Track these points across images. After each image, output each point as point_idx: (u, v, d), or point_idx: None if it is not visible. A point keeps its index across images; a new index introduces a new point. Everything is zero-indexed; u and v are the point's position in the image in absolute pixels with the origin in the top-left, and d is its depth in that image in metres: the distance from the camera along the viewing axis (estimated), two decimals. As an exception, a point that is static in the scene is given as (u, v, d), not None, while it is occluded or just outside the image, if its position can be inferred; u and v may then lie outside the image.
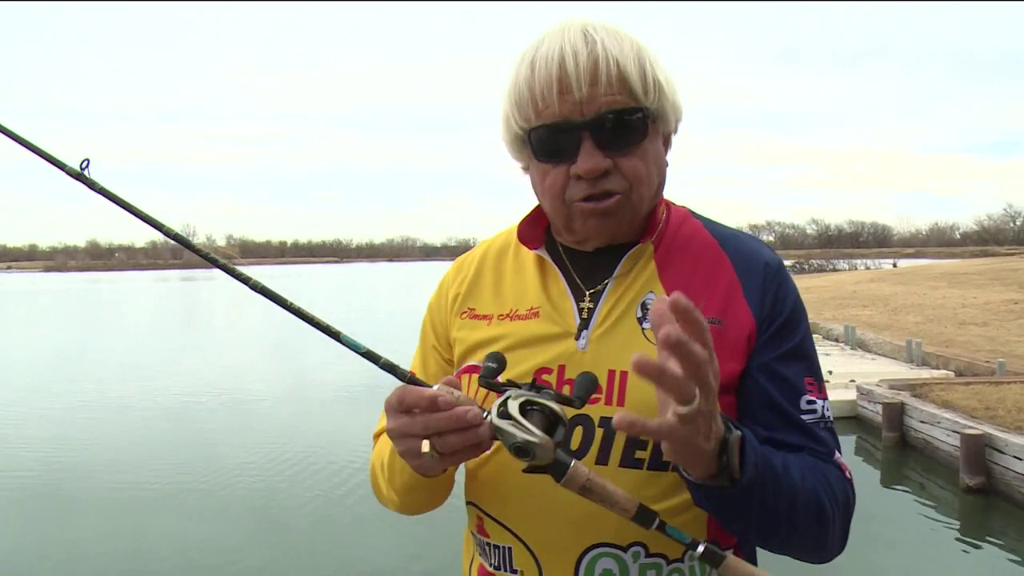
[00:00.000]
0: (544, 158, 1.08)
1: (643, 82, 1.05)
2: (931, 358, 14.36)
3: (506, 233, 1.26)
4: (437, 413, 0.92)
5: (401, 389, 0.96)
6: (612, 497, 0.91)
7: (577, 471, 0.90)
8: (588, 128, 1.04)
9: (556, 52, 1.03)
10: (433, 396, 0.93)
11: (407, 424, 0.95)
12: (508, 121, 1.11)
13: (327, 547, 7.22)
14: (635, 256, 1.12)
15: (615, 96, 1.03)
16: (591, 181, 1.05)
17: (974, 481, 8.58)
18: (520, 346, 1.11)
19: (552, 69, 1.03)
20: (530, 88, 1.05)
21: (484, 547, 1.14)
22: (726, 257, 1.12)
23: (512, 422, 0.90)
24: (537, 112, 1.06)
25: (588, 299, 1.12)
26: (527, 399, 0.92)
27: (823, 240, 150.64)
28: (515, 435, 0.89)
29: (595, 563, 1.05)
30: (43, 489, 9.13)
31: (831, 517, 1.03)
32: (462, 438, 0.93)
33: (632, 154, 1.06)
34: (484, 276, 1.22)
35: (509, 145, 1.14)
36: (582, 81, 1.02)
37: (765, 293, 1.09)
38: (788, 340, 1.09)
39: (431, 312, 1.27)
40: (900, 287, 29.21)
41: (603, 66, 1.02)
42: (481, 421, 0.92)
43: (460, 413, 0.92)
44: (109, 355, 19.46)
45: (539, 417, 0.91)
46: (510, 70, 1.09)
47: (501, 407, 0.91)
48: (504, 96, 1.10)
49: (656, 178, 1.10)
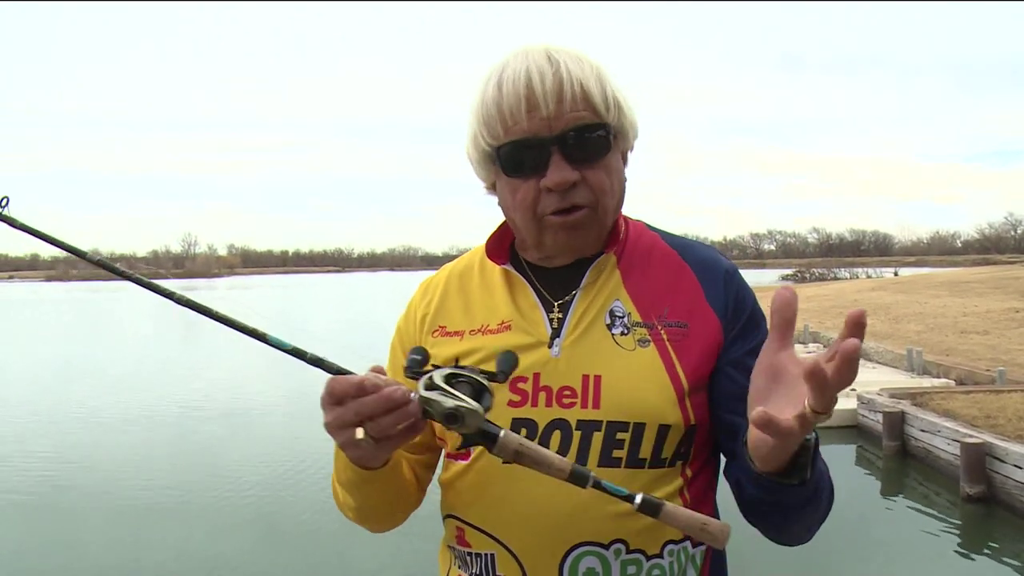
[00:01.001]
0: (514, 173, 1.12)
1: (604, 100, 1.10)
2: (932, 367, 14.35)
3: (468, 256, 1.30)
4: (365, 397, 0.95)
5: (331, 380, 0.98)
6: (546, 459, 0.94)
7: (508, 437, 0.93)
8: (556, 143, 1.08)
9: (523, 72, 1.08)
10: (360, 381, 0.95)
11: (340, 414, 0.97)
12: (476, 139, 1.14)
13: (326, 556, 7.22)
14: (600, 266, 1.17)
15: (580, 113, 1.09)
16: (561, 194, 1.10)
17: (974, 490, 8.58)
18: (494, 357, 1.13)
19: (520, 88, 1.08)
20: (498, 106, 1.09)
21: (465, 558, 1.17)
22: (686, 265, 1.19)
23: (440, 391, 0.93)
24: (506, 129, 1.10)
25: (557, 310, 1.16)
26: (452, 372, 0.96)
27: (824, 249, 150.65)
28: (443, 403, 0.91)
29: (578, 562, 1.08)
30: (44, 499, 9.14)
31: (828, 507, 1.08)
32: (393, 418, 0.95)
33: (598, 167, 1.11)
34: (451, 295, 1.25)
35: (477, 163, 1.18)
36: (549, 99, 1.07)
37: (727, 296, 1.16)
38: (753, 336, 1.14)
39: (400, 334, 1.30)
40: (901, 296, 29.21)
41: (568, 85, 1.07)
42: (408, 398, 0.95)
43: (388, 393, 0.94)
44: (110, 364, 19.47)
45: (466, 387, 0.94)
46: (476, 90, 1.14)
47: (428, 381, 0.95)
48: (472, 115, 1.14)
49: (618, 191, 1.15)
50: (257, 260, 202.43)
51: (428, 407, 0.93)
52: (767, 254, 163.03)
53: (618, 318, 1.14)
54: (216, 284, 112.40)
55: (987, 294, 26.69)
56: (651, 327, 1.13)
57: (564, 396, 1.10)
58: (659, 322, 1.14)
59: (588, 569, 1.08)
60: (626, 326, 1.14)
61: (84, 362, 21.10)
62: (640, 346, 1.12)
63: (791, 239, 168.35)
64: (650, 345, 1.12)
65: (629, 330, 1.13)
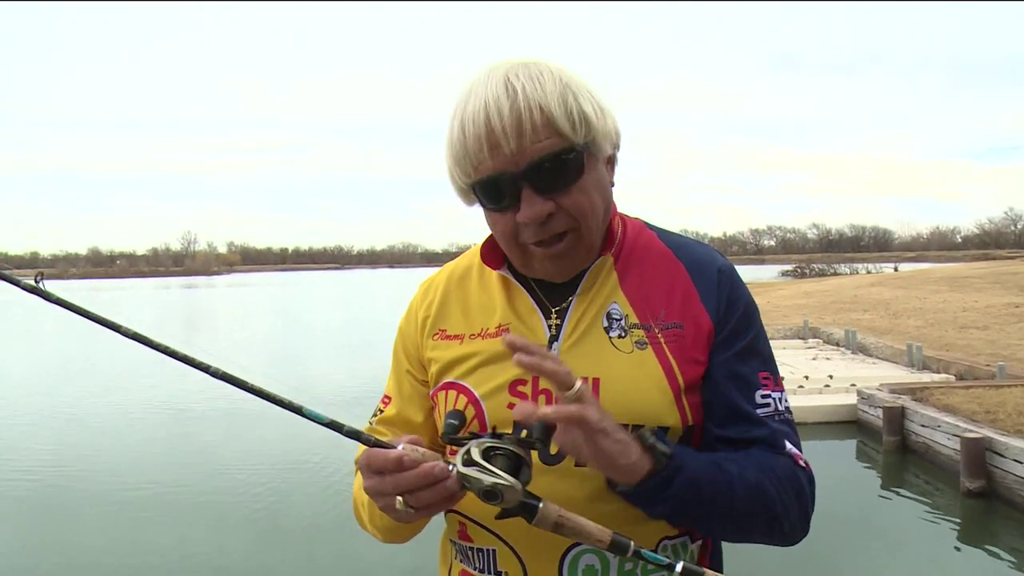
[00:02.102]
0: (491, 208, 1.12)
1: (570, 122, 1.06)
2: (932, 362, 14.35)
3: (468, 256, 1.30)
4: (404, 472, 0.96)
5: (368, 454, 0.99)
6: (586, 530, 0.94)
7: (548, 509, 0.94)
8: (524, 178, 1.07)
9: (480, 110, 1.05)
10: (398, 457, 0.96)
11: (378, 484, 0.99)
12: (452, 175, 1.14)
13: (326, 553, 7.23)
14: (597, 270, 1.17)
15: (543, 143, 1.05)
16: (538, 226, 1.09)
17: (975, 485, 8.58)
18: (493, 361, 1.15)
19: (479, 128, 1.05)
20: (464, 147, 1.08)
21: (467, 552, 1.18)
22: (681, 265, 1.18)
23: (478, 468, 0.93)
24: (475, 167, 1.09)
25: (555, 315, 1.17)
26: (489, 445, 0.96)
27: (824, 244, 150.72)
28: (482, 480, 0.92)
29: (578, 560, 1.09)
30: (42, 497, 9.14)
31: (780, 503, 1.07)
32: (432, 493, 0.97)
33: (571, 192, 1.09)
34: (451, 297, 1.26)
35: (459, 196, 1.17)
36: (509, 135, 1.04)
37: (720, 296, 1.15)
38: (742, 338, 1.15)
39: (402, 335, 1.30)
40: (901, 291, 29.21)
41: (527, 115, 1.04)
42: (448, 474, 0.96)
43: (427, 470, 0.95)
44: (109, 363, 19.46)
45: (503, 461, 0.94)
46: (446, 127, 1.12)
47: (465, 455, 0.95)
48: (445, 152, 1.13)
49: (601, 205, 1.13)
50: (257, 257, 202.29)
51: (466, 483, 0.94)
52: (767, 250, 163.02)
53: (615, 320, 1.15)
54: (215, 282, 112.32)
55: (987, 289, 26.70)
56: (648, 329, 1.14)
57: None
58: (656, 324, 1.14)
59: (587, 567, 1.09)
60: (623, 328, 1.14)
61: (82, 360, 21.08)
62: (638, 348, 1.13)
63: (791, 235, 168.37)
64: (647, 347, 1.12)
65: (627, 332, 1.14)
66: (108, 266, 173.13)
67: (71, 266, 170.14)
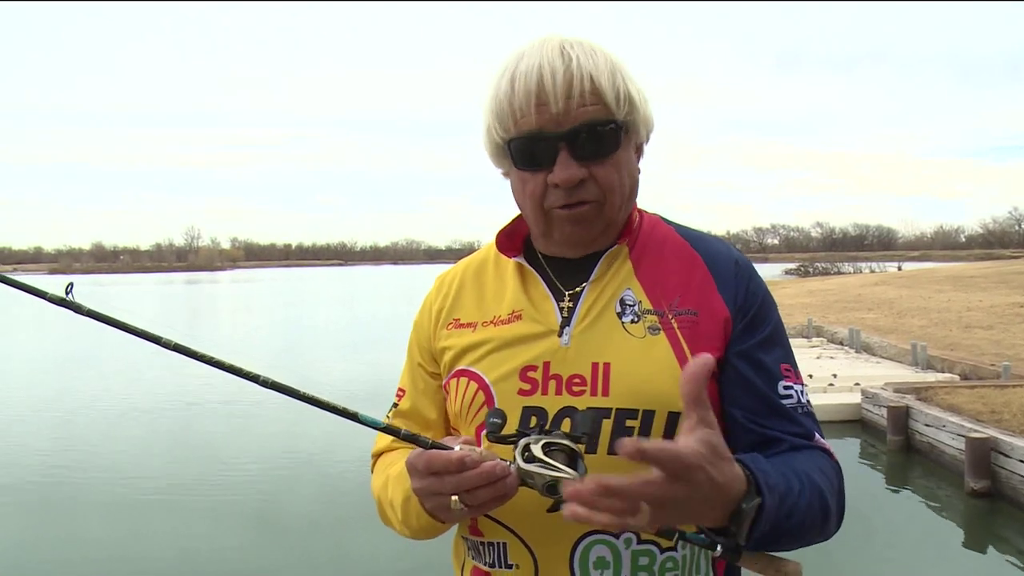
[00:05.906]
0: (523, 167, 1.14)
1: (616, 96, 1.10)
2: (936, 361, 14.32)
3: (484, 250, 1.32)
4: (467, 472, 0.98)
5: (428, 456, 1.01)
6: None
7: None
8: (564, 139, 1.09)
9: (535, 67, 1.09)
10: (460, 458, 0.98)
11: (436, 484, 1.00)
12: (489, 132, 1.16)
13: (326, 549, 7.23)
14: (612, 257, 1.18)
15: (589, 109, 1.09)
16: (568, 190, 1.11)
17: (979, 485, 8.56)
18: (505, 347, 1.17)
19: (531, 84, 1.08)
20: (509, 101, 1.10)
21: (478, 547, 1.18)
22: (698, 256, 1.19)
23: (539, 463, 0.96)
24: (516, 123, 1.11)
25: (568, 299, 1.18)
26: (547, 441, 0.98)
27: (828, 243, 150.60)
28: (545, 475, 0.95)
29: (589, 551, 1.09)
30: (44, 492, 9.15)
31: (832, 508, 1.08)
32: (492, 491, 0.98)
33: (606, 163, 1.12)
34: (466, 288, 1.28)
35: (491, 154, 1.20)
36: (558, 95, 1.08)
37: (738, 286, 1.16)
38: (763, 328, 1.15)
39: (416, 330, 1.32)
40: (905, 290, 29.16)
41: (578, 81, 1.08)
42: (508, 472, 0.98)
43: (488, 469, 0.97)
44: (112, 358, 19.47)
45: (560, 456, 0.97)
46: (491, 83, 1.15)
47: (525, 452, 0.98)
48: (485, 108, 1.16)
49: (628, 186, 1.16)
50: (260, 253, 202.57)
51: (528, 479, 0.97)
52: (770, 248, 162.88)
53: (628, 306, 1.15)
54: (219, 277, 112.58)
55: (991, 289, 26.63)
56: (662, 315, 1.14)
57: (573, 384, 1.11)
58: (670, 310, 1.14)
59: (599, 558, 1.09)
60: (636, 314, 1.14)
61: (84, 355, 21.10)
62: (650, 333, 1.13)
63: (795, 233, 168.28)
64: (660, 332, 1.13)
65: (639, 318, 1.14)
66: (111, 261, 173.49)
67: (75, 261, 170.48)
